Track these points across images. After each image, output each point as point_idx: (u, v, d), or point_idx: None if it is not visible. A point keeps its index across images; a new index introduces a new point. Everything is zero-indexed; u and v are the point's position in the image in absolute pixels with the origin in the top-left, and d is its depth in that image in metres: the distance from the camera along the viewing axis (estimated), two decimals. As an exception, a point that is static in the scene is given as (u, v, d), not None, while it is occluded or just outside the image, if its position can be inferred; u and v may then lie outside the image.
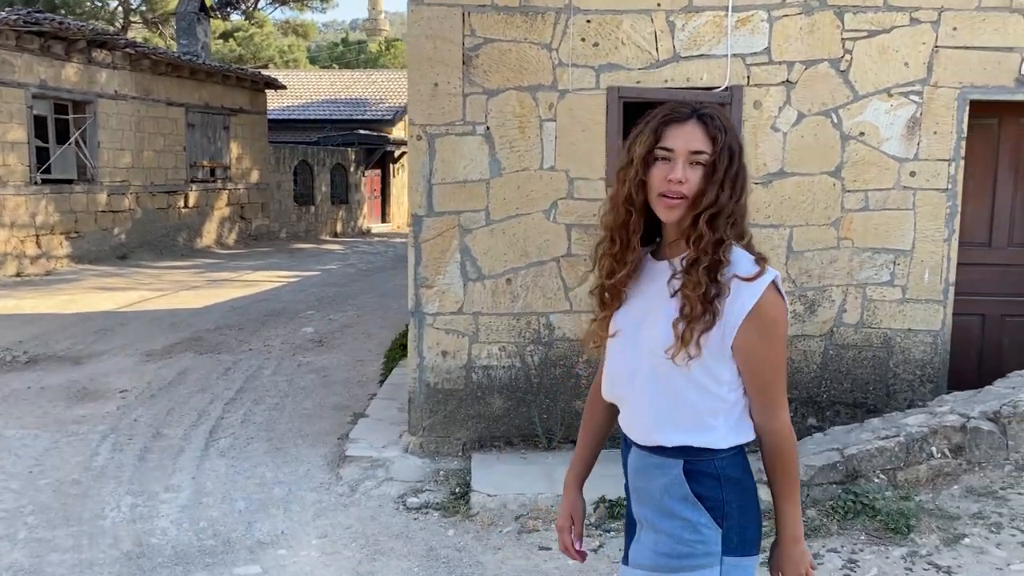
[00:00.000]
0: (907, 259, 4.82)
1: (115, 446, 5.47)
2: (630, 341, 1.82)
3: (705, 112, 1.74)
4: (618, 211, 1.80)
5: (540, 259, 4.86)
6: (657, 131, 1.74)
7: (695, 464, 1.76)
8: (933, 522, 3.58)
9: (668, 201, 1.72)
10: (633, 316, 1.83)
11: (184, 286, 12.74)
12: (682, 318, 1.72)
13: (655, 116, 1.77)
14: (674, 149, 1.71)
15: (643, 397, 1.81)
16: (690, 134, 1.70)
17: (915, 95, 4.70)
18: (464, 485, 4.56)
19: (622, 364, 1.86)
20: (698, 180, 1.71)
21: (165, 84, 16.53)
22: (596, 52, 4.70)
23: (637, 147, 1.76)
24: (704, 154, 1.70)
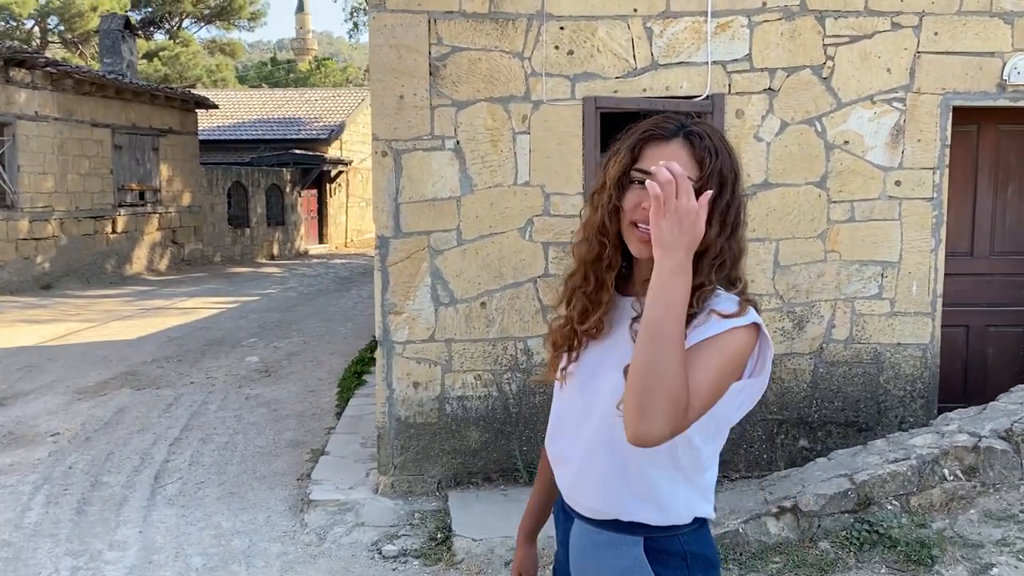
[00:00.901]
0: (895, 271, 4.66)
1: (49, 498, 4.95)
2: (580, 390, 1.53)
3: (694, 130, 1.44)
4: (591, 242, 1.51)
5: (516, 280, 4.56)
6: (635, 149, 1.46)
7: (658, 542, 1.48)
8: (957, 551, 3.38)
9: (641, 233, 1.42)
10: (589, 363, 1.53)
11: (115, 316, 12.05)
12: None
13: (635, 131, 1.49)
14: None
15: (591, 460, 1.50)
16: (673, 155, 1.41)
17: (898, 102, 4.57)
18: (444, 528, 4.20)
19: (567, 416, 1.56)
20: None
21: (89, 104, 15.76)
22: (571, 60, 4.44)
23: (612, 167, 1.47)
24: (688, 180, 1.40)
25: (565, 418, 1.58)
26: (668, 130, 1.45)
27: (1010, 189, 4.97)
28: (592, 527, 1.53)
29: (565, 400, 1.59)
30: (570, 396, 1.56)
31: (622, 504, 1.48)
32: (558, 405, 1.62)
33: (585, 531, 1.54)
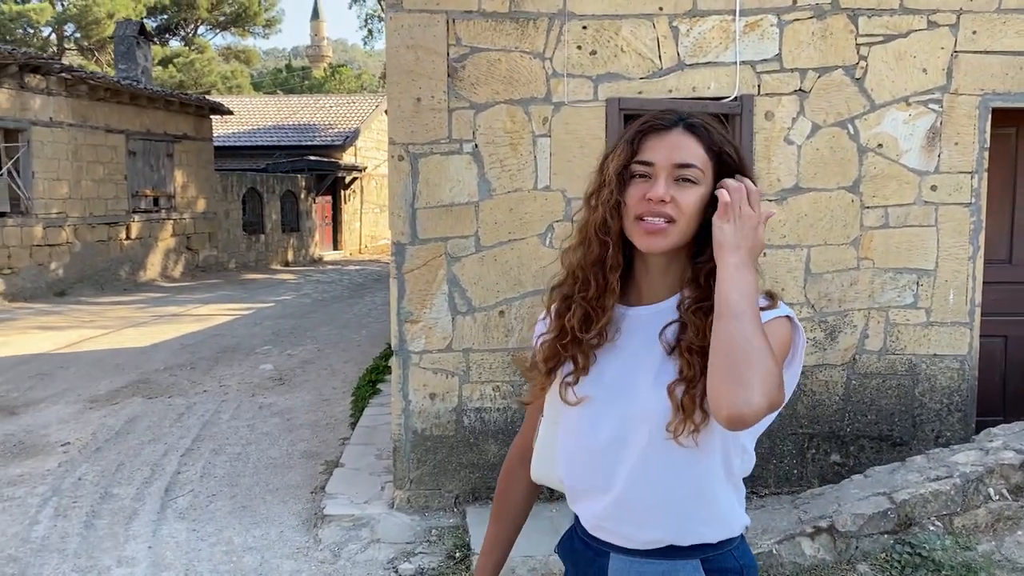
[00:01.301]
0: (930, 279, 4.48)
1: (58, 511, 4.83)
2: (605, 411, 1.40)
3: (695, 120, 1.39)
4: (590, 243, 1.42)
5: (536, 288, 4.40)
6: (634, 142, 1.39)
7: (714, 561, 1.40)
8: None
9: (647, 225, 1.35)
10: (611, 380, 1.41)
11: (129, 323, 11.98)
12: (680, 380, 1.33)
13: (632, 126, 1.42)
14: (654, 163, 1.36)
15: (639, 487, 1.39)
16: (675, 144, 1.37)
17: (935, 103, 4.39)
18: (463, 546, 4.05)
19: (590, 442, 1.43)
20: (690, 201, 1.34)
21: (104, 110, 15.75)
22: (593, 61, 4.30)
23: (611, 163, 1.40)
24: (693, 168, 1.36)
25: (586, 444, 1.44)
26: (667, 120, 1.40)
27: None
28: (640, 559, 1.41)
29: (582, 423, 1.44)
30: (590, 419, 1.43)
31: (682, 527, 1.39)
32: (576, 432, 1.46)
33: (631, 565, 1.42)
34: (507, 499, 1.67)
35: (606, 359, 1.43)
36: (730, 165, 1.38)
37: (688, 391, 1.32)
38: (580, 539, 1.49)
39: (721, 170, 1.37)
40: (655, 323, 1.40)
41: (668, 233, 1.35)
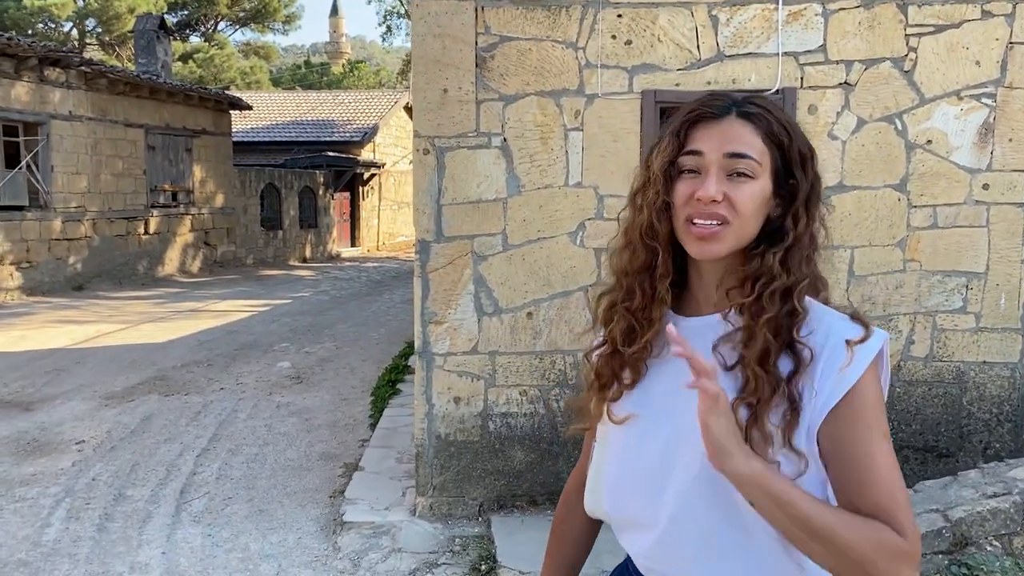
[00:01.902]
0: (980, 283, 4.26)
1: (71, 513, 4.70)
2: (653, 434, 1.23)
3: (751, 104, 1.20)
4: (635, 248, 1.25)
5: (565, 289, 4.22)
6: (680, 134, 1.21)
7: None
8: (1072, 602, 2.98)
9: (698, 229, 1.17)
10: (659, 398, 1.24)
11: (146, 318, 11.90)
12: (743, 399, 1.13)
13: (678, 114, 1.22)
14: (703, 153, 1.18)
15: (691, 524, 1.19)
16: (727, 133, 1.18)
17: (988, 98, 4.17)
18: (488, 558, 3.88)
19: (637, 469, 1.25)
20: (746, 199, 1.16)
21: (123, 104, 15.69)
22: (629, 51, 4.10)
23: (656, 159, 1.21)
24: (748, 159, 1.17)
25: (631, 468, 1.26)
26: (718, 107, 1.20)
27: (1106, 194, 4.54)
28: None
29: (628, 445, 1.27)
30: (636, 440, 1.25)
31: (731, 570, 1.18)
32: (620, 455, 1.29)
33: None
34: (563, 532, 1.49)
35: (656, 374, 1.26)
36: (792, 157, 1.19)
37: (754, 412, 1.13)
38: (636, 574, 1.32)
39: (782, 163, 1.19)
40: (711, 335, 1.22)
41: (722, 237, 1.16)
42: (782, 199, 1.20)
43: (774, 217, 1.20)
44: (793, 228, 1.18)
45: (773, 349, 1.14)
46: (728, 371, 1.17)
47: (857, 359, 1.13)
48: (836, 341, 1.14)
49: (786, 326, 1.15)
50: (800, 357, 1.14)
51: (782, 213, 1.20)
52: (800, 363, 1.14)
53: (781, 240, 1.18)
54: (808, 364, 1.13)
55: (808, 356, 1.14)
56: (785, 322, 1.15)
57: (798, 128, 1.22)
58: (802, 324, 1.16)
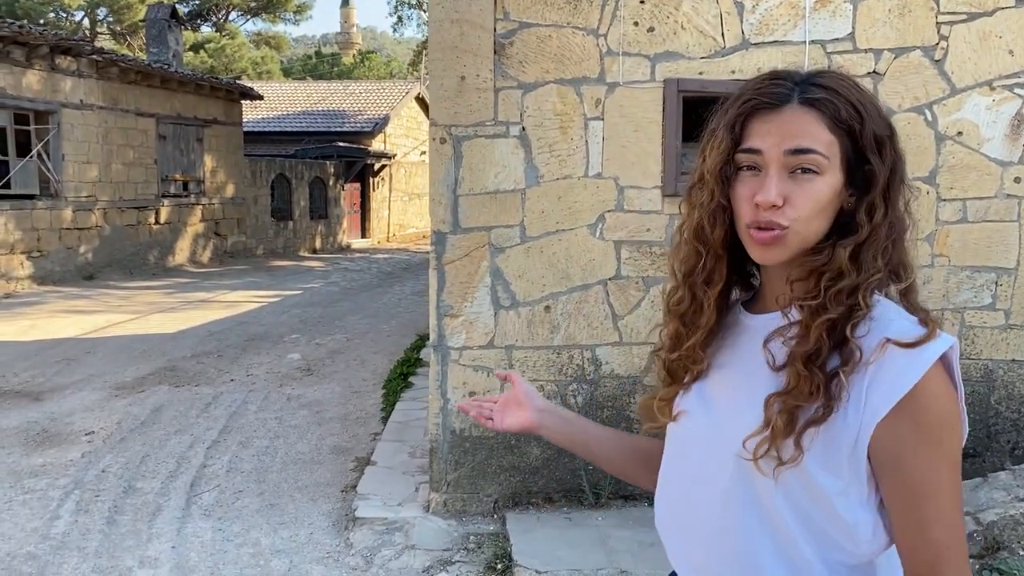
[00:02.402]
0: (1011, 279, 4.15)
1: (80, 506, 4.64)
2: (701, 436, 1.16)
3: (815, 86, 1.06)
4: (687, 252, 1.16)
5: (584, 282, 4.13)
6: (735, 127, 1.08)
7: None
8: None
9: (760, 235, 1.06)
10: (709, 394, 1.17)
11: (156, 308, 11.86)
12: (779, 395, 1.04)
13: (734, 101, 1.11)
14: (762, 151, 1.06)
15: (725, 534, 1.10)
16: (787, 125, 1.05)
17: (1021, 88, 4.05)
18: (503, 557, 3.80)
19: (683, 468, 1.17)
20: (810, 199, 1.04)
21: (134, 93, 15.63)
22: (651, 39, 4.00)
23: (709, 154, 1.11)
24: (813, 154, 1.04)
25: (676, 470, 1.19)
26: (778, 94, 1.07)
27: None
28: None
29: (674, 445, 1.20)
30: (683, 440, 1.18)
31: None
32: (667, 451, 1.23)
33: None
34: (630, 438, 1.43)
35: (716, 368, 1.18)
36: (865, 143, 1.06)
37: (786, 410, 1.03)
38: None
39: (853, 151, 1.06)
40: (763, 333, 1.12)
41: (785, 242, 1.05)
42: (856, 188, 1.08)
43: (848, 209, 1.08)
44: (868, 221, 1.06)
45: (824, 349, 1.04)
46: (777, 371, 1.08)
47: (914, 363, 1.00)
48: (889, 343, 1.02)
49: (843, 324, 1.04)
50: (848, 356, 1.02)
51: (856, 204, 1.08)
52: (847, 361, 1.02)
53: (853, 232, 1.06)
54: (855, 365, 1.02)
55: (857, 356, 1.02)
56: (843, 321, 1.04)
57: (873, 106, 1.08)
58: (860, 322, 1.04)
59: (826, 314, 1.04)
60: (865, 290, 1.05)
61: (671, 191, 4.06)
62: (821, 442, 1.02)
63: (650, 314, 4.16)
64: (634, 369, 4.19)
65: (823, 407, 1.02)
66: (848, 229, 1.08)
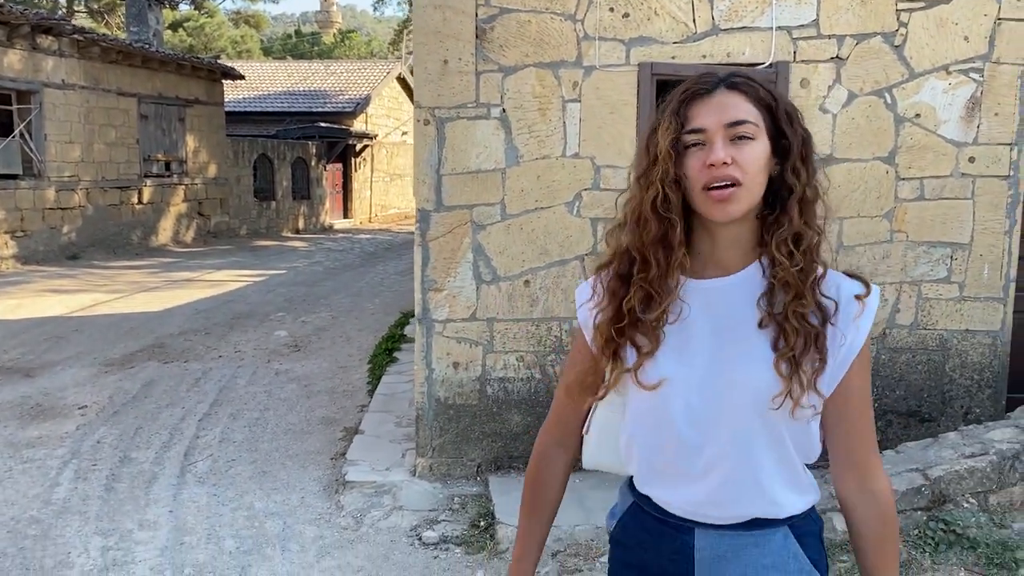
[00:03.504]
0: (965, 253, 4.40)
1: (78, 474, 4.82)
2: (698, 393, 1.34)
3: (736, 78, 1.33)
4: (647, 223, 1.33)
5: (562, 258, 4.34)
6: (680, 112, 1.31)
7: (800, 525, 1.38)
8: (1043, 555, 3.14)
9: (717, 193, 1.27)
10: (694, 359, 1.34)
11: (141, 287, 11.97)
12: (783, 354, 1.27)
13: (673, 97, 1.33)
14: (706, 128, 1.29)
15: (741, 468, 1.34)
16: (722, 104, 1.30)
17: (975, 72, 4.27)
18: (487, 515, 4.02)
19: (683, 427, 1.35)
20: (751, 158, 1.27)
21: (116, 73, 15.62)
22: (626, 24, 4.19)
23: (659, 139, 1.31)
24: (747, 123, 1.28)
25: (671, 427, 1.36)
26: (708, 83, 1.32)
27: (1088, 168, 4.66)
28: (731, 531, 1.37)
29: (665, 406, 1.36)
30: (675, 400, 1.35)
31: (777, 501, 1.36)
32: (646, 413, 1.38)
33: (720, 539, 1.37)
34: (543, 487, 1.57)
35: (681, 337, 1.35)
36: (780, 116, 1.31)
37: (794, 365, 1.28)
38: (652, 516, 1.42)
39: (772, 124, 1.31)
40: (735, 295, 1.33)
41: (738, 197, 1.27)
42: (779, 157, 1.32)
43: (775, 176, 1.32)
44: (797, 180, 1.30)
45: (808, 304, 1.28)
46: (761, 328, 1.30)
47: (866, 313, 1.32)
48: (847, 296, 1.32)
49: (816, 283, 1.30)
50: (825, 310, 1.30)
51: (780, 171, 1.32)
52: (826, 315, 1.30)
53: (791, 194, 1.30)
54: (832, 315, 1.30)
55: (832, 308, 1.30)
56: (812, 279, 1.30)
57: (779, 92, 1.35)
58: (822, 281, 1.31)
59: (811, 276, 1.29)
60: (816, 249, 1.31)
61: (645, 170, 4.26)
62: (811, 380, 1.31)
63: (625, 287, 4.37)
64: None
65: (819, 359, 1.30)
66: (782, 196, 1.32)
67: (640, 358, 1.36)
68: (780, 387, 1.28)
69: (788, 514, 1.36)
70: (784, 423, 1.31)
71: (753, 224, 1.33)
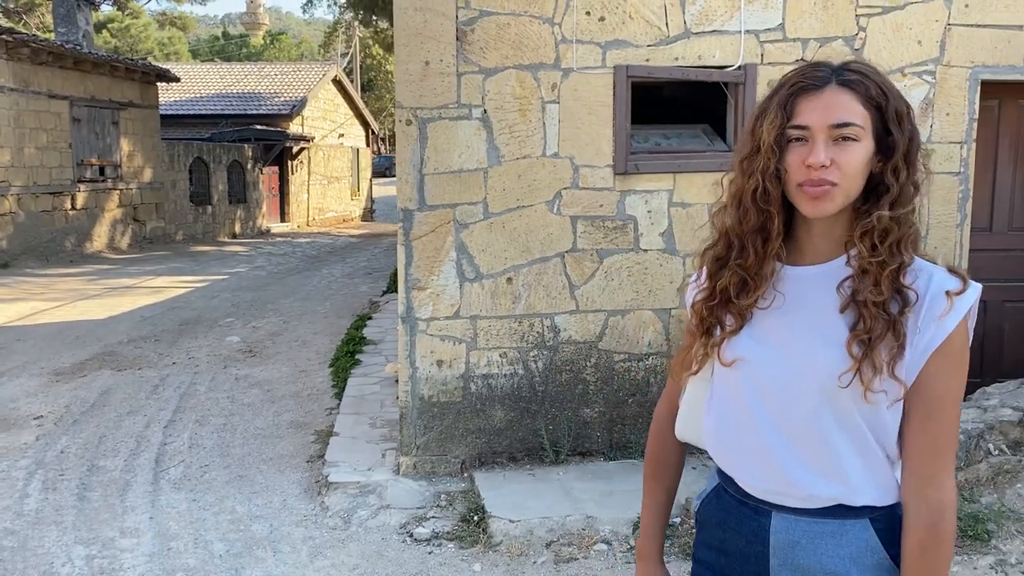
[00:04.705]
0: (921, 246, 4.62)
1: (46, 484, 4.71)
2: (775, 375, 1.40)
3: (850, 71, 1.33)
4: (747, 211, 1.39)
5: (543, 255, 4.42)
6: (787, 105, 1.33)
7: (882, 520, 1.38)
8: (1011, 525, 3.36)
9: (811, 191, 1.31)
10: (776, 341, 1.40)
11: (80, 295, 11.63)
12: (856, 335, 1.32)
13: (782, 86, 1.36)
14: (810, 127, 1.30)
15: (814, 449, 1.38)
16: (829, 103, 1.30)
17: (928, 75, 4.52)
18: (477, 510, 4.08)
19: (752, 404, 1.42)
20: (851, 161, 1.30)
21: (46, 75, 15.12)
22: (602, 27, 4.30)
23: (764, 130, 1.34)
24: (853, 126, 1.30)
25: (746, 407, 1.42)
26: (819, 78, 1.32)
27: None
28: (807, 518, 1.39)
29: (741, 386, 1.43)
30: (752, 381, 1.41)
31: (851, 486, 1.37)
32: (726, 391, 1.46)
33: (796, 524, 1.40)
34: (663, 461, 1.65)
35: (767, 320, 1.41)
36: (890, 116, 1.31)
37: (867, 347, 1.30)
38: (734, 498, 1.47)
39: (881, 123, 1.31)
40: (823, 282, 1.37)
41: (833, 196, 1.31)
42: (883, 155, 1.33)
43: (876, 173, 1.33)
44: (895, 181, 1.31)
45: (888, 292, 1.31)
46: (842, 313, 1.35)
47: (955, 308, 1.30)
48: (937, 290, 1.31)
49: (897, 274, 1.32)
50: (907, 299, 1.31)
51: (883, 168, 1.33)
52: (907, 304, 1.31)
53: (886, 192, 1.32)
54: (913, 305, 1.31)
55: (914, 298, 1.31)
56: (898, 271, 1.32)
57: (894, 88, 1.34)
58: (907, 272, 1.33)
59: (890, 267, 1.31)
60: (906, 244, 1.33)
61: (622, 170, 4.39)
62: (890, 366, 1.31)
63: (604, 284, 4.48)
64: (589, 335, 4.52)
65: (897, 344, 1.30)
66: (880, 191, 1.34)
67: (724, 334, 1.43)
68: (848, 366, 1.31)
69: (866, 503, 1.36)
70: (857, 408, 1.33)
71: (849, 215, 1.36)
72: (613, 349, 4.54)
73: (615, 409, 4.56)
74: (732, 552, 1.47)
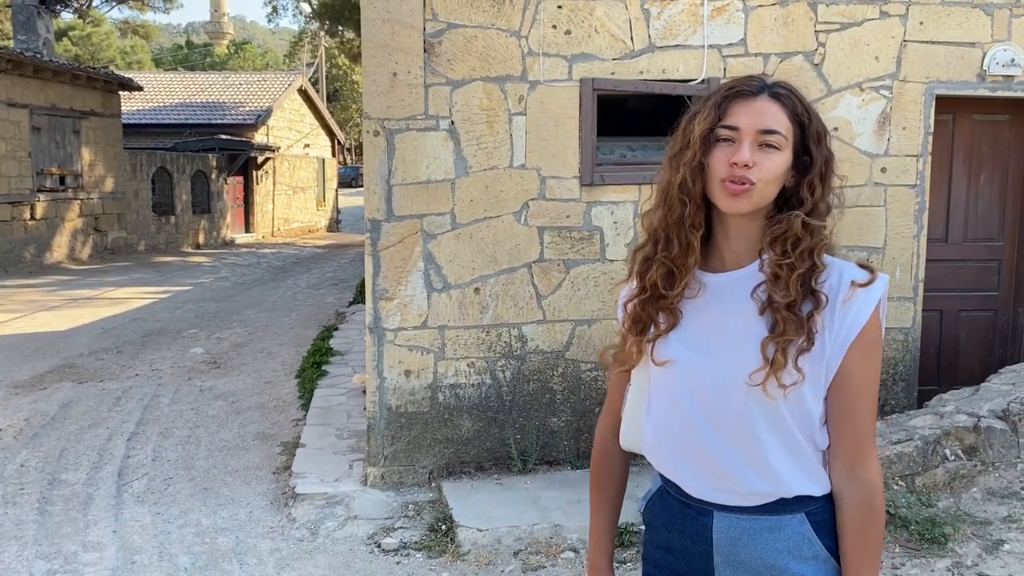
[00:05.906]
0: (879, 256, 4.75)
1: (5, 498, 4.63)
2: (701, 376, 1.45)
3: (780, 87, 1.42)
4: (671, 204, 1.46)
5: (511, 265, 4.46)
6: (720, 106, 1.41)
7: (817, 513, 1.43)
8: (967, 529, 3.44)
9: (733, 187, 1.38)
10: (699, 343, 1.46)
11: (40, 307, 11.42)
12: (772, 337, 1.38)
13: (718, 90, 1.45)
14: (740, 128, 1.38)
15: (745, 446, 1.43)
16: (760, 110, 1.39)
17: (885, 90, 4.64)
18: (444, 520, 4.08)
19: (689, 408, 1.47)
20: (772, 166, 1.38)
21: (5, 83, 14.86)
22: (568, 41, 4.36)
23: (696, 126, 1.43)
24: (777, 135, 1.38)
25: (679, 407, 1.47)
26: (753, 86, 1.41)
27: (982, 178, 5.12)
28: (746, 515, 1.44)
29: (672, 387, 1.48)
30: (681, 382, 1.47)
31: (784, 480, 1.42)
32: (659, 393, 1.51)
33: (737, 522, 1.45)
34: (607, 477, 1.67)
35: (693, 320, 1.47)
36: (810, 135, 1.41)
37: (780, 347, 1.37)
38: (676, 499, 1.52)
39: (801, 140, 1.41)
40: (741, 287, 1.44)
41: (750, 195, 1.38)
42: (797, 171, 1.41)
43: (789, 187, 1.43)
44: (810, 196, 1.40)
45: (799, 297, 1.38)
46: (761, 315, 1.41)
47: (867, 300, 1.38)
48: (846, 283, 1.39)
49: (808, 277, 1.39)
50: (818, 300, 1.39)
51: (796, 183, 1.41)
52: (819, 305, 1.39)
53: (800, 206, 1.40)
54: (824, 306, 1.39)
55: (824, 300, 1.38)
56: (808, 274, 1.39)
57: (815, 111, 1.46)
58: (820, 274, 1.40)
59: (796, 270, 1.38)
60: (819, 251, 1.41)
61: (588, 181, 4.44)
62: (809, 363, 1.38)
63: (571, 293, 4.53)
64: (557, 344, 4.55)
65: (806, 340, 1.38)
66: (792, 204, 1.43)
67: (657, 332, 1.48)
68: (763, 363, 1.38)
69: (799, 493, 1.41)
70: (785, 405, 1.39)
71: (763, 223, 1.44)
72: (580, 359, 4.58)
73: (582, 418, 4.59)
74: (678, 551, 1.52)
